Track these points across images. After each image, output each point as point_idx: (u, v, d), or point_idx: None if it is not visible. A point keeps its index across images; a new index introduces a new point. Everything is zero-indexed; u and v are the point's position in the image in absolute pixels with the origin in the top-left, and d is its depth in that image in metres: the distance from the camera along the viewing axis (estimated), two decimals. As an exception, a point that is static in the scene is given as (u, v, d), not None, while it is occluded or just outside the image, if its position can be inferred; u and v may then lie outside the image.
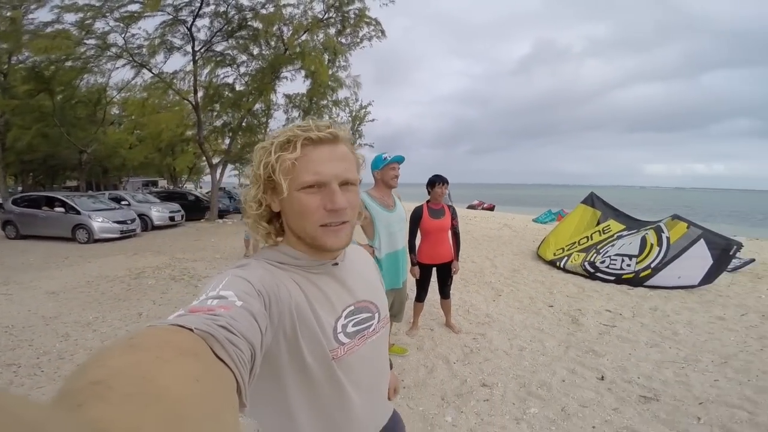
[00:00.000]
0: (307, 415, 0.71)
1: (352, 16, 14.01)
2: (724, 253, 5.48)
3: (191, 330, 0.42)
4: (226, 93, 14.84)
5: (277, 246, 0.76)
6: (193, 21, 12.73)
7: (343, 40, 14.82)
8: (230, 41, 13.82)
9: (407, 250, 3.13)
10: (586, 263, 6.20)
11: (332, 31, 14.23)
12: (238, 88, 14.83)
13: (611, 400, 2.74)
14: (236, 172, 24.43)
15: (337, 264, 0.78)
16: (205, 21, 13.03)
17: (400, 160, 2.79)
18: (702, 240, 5.57)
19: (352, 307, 0.77)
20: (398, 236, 2.89)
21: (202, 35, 13.36)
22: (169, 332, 0.41)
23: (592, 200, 7.21)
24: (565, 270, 6.43)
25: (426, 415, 2.61)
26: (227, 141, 16.59)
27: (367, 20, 14.32)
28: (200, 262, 7.02)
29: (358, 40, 15.01)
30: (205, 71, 14.43)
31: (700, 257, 5.54)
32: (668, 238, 5.83)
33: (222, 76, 14.79)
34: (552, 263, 6.79)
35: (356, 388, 0.75)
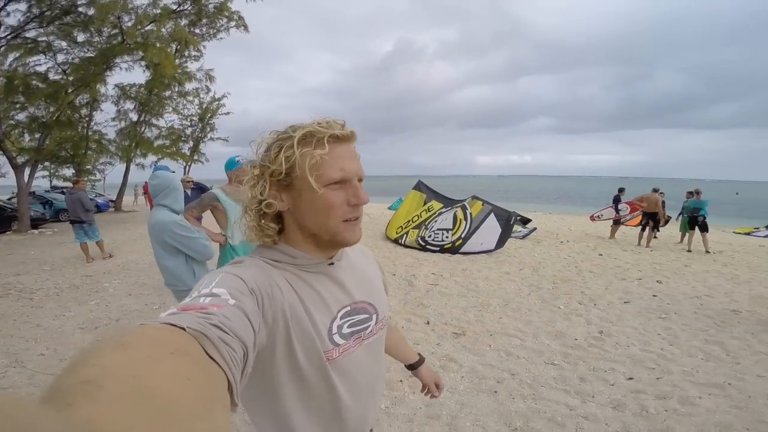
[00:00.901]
0: (301, 416, 0.71)
1: (211, 8, 13.33)
2: (507, 223, 7.59)
3: (183, 329, 0.42)
4: (36, 83, 12.44)
5: (274, 246, 0.74)
6: (4, 5, 10.36)
7: (198, 31, 13.98)
8: (48, 27, 11.65)
9: None
10: (419, 238, 7.75)
11: (184, 21, 13.29)
12: (53, 77, 12.57)
13: (434, 337, 3.78)
14: (47, 172, 20.38)
15: (332, 264, 0.76)
16: (21, 6, 10.70)
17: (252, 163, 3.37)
18: (492, 214, 7.59)
19: (349, 308, 0.76)
20: None
21: (11, 20, 10.94)
22: (160, 331, 0.41)
23: (419, 186, 8.87)
24: (405, 246, 7.88)
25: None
26: (37, 137, 13.89)
27: (228, 14, 13.80)
28: (25, 275, 6.17)
29: (215, 31, 14.35)
30: (9, 59, 11.82)
31: (493, 227, 7.55)
32: (471, 214, 7.73)
33: (32, 64, 12.34)
34: (396, 241, 8.20)
35: (350, 390, 0.75)
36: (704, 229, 8.60)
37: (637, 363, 3.26)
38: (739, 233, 13.58)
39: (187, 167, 22.44)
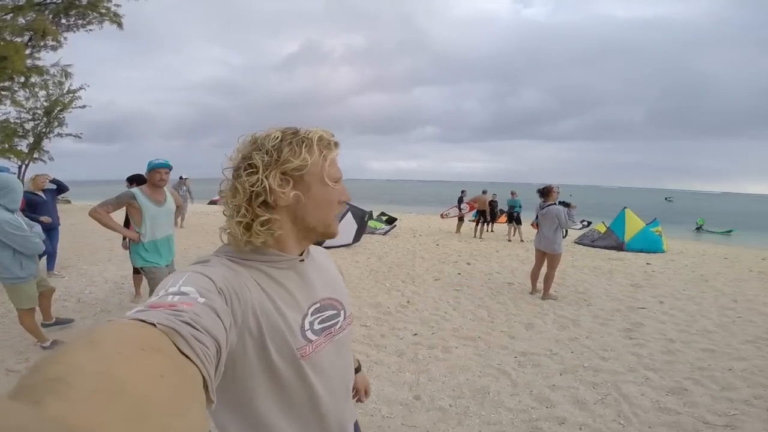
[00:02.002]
0: (277, 416, 0.71)
1: (84, 2, 11.82)
2: (361, 220, 8.64)
3: (154, 325, 0.41)
4: None
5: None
6: None
7: (64, 21, 12.22)
8: None
9: (172, 238, 3.47)
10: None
11: (48, 12, 11.60)
12: None
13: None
14: None
15: (303, 260, 0.78)
16: None
17: (165, 165, 3.30)
18: (349, 212, 8.54)
19: (318, 305, 0.78)
20: (163, 226, 3.30)
21: None
22: (130, 327, 0.40)
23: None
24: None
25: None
26: None
27: (103, 10, 12.35)
28: None
29: (85, 23, 12.71)
30: None
31: (350, 223, 8.50)
32: None
33: None
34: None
35: (325, 386, 0.76)
36: (519, 222, 10.89)
37: (424, 323, 4.29)
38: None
39: (24, 167, 19.07)
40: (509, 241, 10.66)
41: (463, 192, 12.88)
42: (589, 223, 15.37)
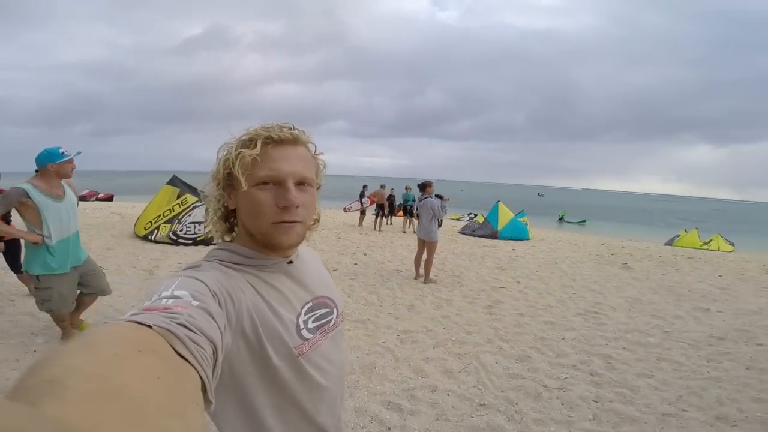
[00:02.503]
0: (272, 415, 0.71)
1: None
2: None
3: (150, 327, 0.42)
4: None
5: (229, 245, 0.75)
6: None
7: None
8: None
9: (78, 234, 3.19)
10: (171, 233, 7.80)
11: None
12: None
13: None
14: None
15: (291, 262, 0.78)
16: None
17: (78, 154, 2.95)
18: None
19: (311, 303, 0.79)
20: (70, 222, 3.01)
21: None
22: (126, 329, 0.40)
23: (173, 181, 8.83)
24: (155, 241, 7.77)
25: None
26: None
27: None
28: None
29: None
30: None
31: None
32: None
33: None
34: (145, 238, 7.95)
35: (324, 379, 0.77)
36: (412, 215, 11.80)
37: None
38: (453, 219, 18.94)
39: None
40: (404, 232, 11.49)
41: (364, 187, 13.41)
42: (475, 215, 17.26)
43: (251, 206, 0.70)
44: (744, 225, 36.93)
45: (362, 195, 13.10)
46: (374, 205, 12.77)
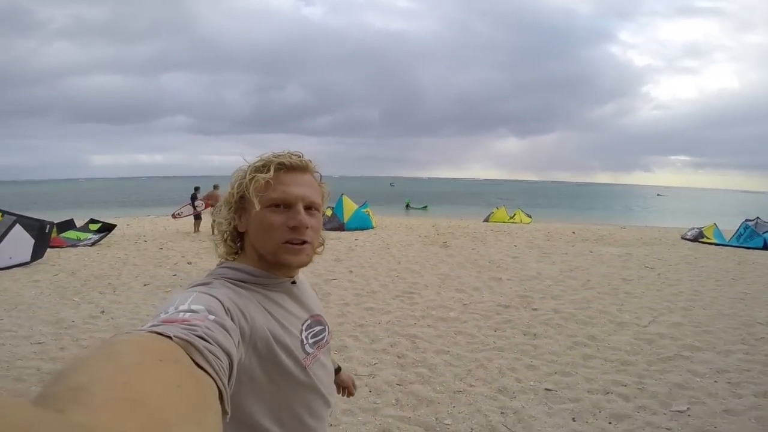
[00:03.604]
0: (275, 425, 0.74)
1: None
2: (41, 232, 6.79)
3: (170, 338, 0.43)
4: None
5: (234, 264, 0.78)
6: None
7: None
8: None
9: None
10: None
11: None
12: None
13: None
14: None
15: (295, 282, 0.83)
16: None
17: None
18: (18, 224, 6.56)
19: (309, 321, 0.83)
20: None
21: None
22: (148, 339, 0.41)
23: None
24: None
25: None
26: None
27: None
28: None
29: None
30: None
31: (22, 239, 6.55)
32: None
33: None
34: None
35: (325, 390, 0.83)
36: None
37: (118, 328, 3.84)
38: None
39: None
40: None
41: (196, 189, 12.02)
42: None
43: (262, 226, 0.75)
44: (541, 200, 46.91)
45: (194, 198, 11.75)
46: (209, 208, 11.59)
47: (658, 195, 72.35)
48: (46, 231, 6.82)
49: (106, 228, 10.44)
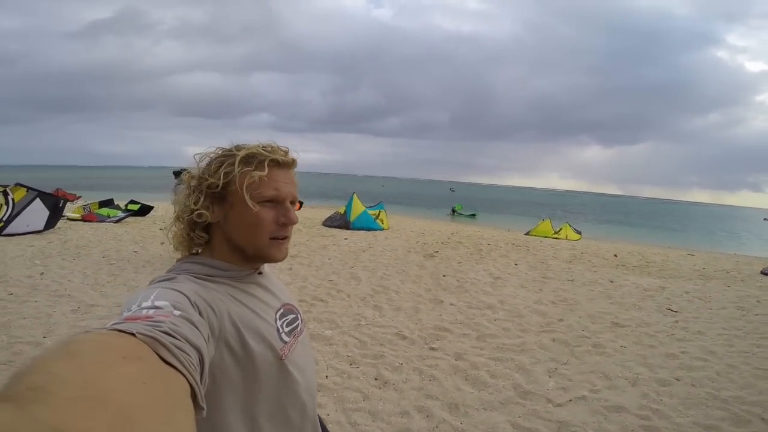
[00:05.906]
0: (255, 420, 0.72)
1: None
2: (55, 206, 7.75)
3: (133, 335, 0.41)
4: None
5: (198, 258, 0.76)
6: None
7: None
8: None
9: None
10: None
11: None
12: None
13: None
14: None
15: (261, 273, 0.83)
16: None
17: None
18: (38, 198, 7.53)
19: (282, 310, 0.82)
20: None
21: None
22: (109, 337, 0.39)
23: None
24: None
25: None
26: None
27: None
28: None
29: None
30: None
31: (39, 210, 7.48)
32: (13, 199, 7.34)
33: None
34: None
35: (304, 379, 0.80)
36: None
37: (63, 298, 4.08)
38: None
39: None
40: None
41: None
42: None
43: (252, 222, 0.72)
44: (616, 216, 42.49)
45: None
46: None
47: (765, 219, 60.60)
48: (60, 206, 7.78)
49: (144, 209, 11.39)
